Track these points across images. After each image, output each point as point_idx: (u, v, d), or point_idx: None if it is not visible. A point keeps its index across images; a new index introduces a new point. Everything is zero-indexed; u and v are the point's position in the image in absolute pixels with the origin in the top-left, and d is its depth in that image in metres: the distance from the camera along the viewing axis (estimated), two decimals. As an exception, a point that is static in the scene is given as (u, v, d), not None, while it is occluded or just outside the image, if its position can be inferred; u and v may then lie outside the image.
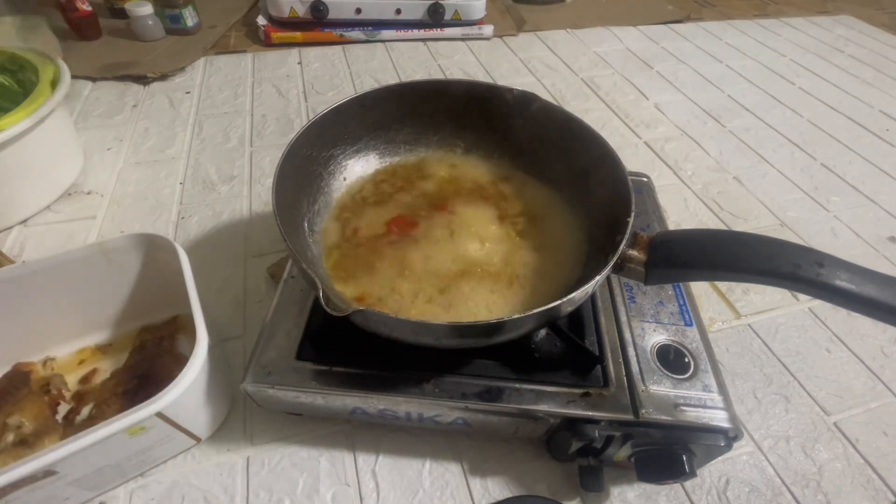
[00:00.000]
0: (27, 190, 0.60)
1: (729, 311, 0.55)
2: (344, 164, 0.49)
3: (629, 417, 0.36)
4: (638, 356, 0.39)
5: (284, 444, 0.43)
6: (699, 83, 0.96)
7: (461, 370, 0.38)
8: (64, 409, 0.42)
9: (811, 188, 0.73)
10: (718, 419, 0.35)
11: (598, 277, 0.32)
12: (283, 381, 0.37)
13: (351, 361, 0.38)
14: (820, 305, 0.56)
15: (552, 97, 0.90)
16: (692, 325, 0.42)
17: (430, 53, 1.02)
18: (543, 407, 0.36)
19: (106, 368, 0.45)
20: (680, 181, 0.73)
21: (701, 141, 0.81)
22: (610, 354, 0.40)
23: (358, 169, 0.50)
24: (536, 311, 0.31)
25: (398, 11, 1.04)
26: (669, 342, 0.40)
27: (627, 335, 0.41)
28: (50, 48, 0.87)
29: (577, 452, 0.38)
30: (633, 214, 0.36)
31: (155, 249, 0.44)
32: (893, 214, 0.69)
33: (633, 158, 0.77)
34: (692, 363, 0.39)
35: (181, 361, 0.41)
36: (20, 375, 0.42)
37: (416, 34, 1.05)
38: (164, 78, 0.89)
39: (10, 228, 0.60)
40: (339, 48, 1.02)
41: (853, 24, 1.24)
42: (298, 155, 0.42)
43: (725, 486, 0.42)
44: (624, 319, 0.42)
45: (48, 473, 0.31)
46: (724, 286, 0.58)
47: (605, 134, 0.43)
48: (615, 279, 0.45)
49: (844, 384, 0.49)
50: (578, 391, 0.37)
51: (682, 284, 0.45)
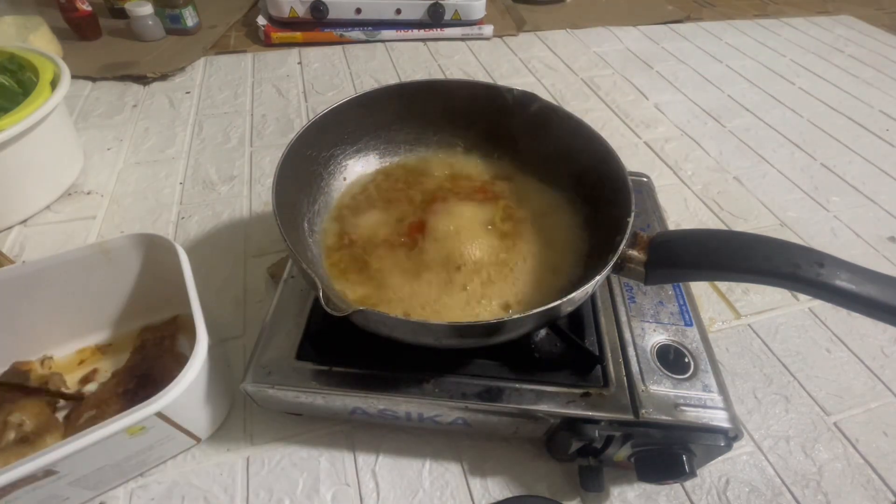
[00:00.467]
0: (27, 190, 0.60)
1: (729, 311, 0.55)
2: (344, 164, 0.49)
3: (629, 417, 0.36)
4: (638, 356, 0.39)
5: (284, 444, 0.43)
6: (699, 83, 0.96)
7: (461, 370, 0.38)
8: (65, 408, 0.42)
9: (811, 188, 0.73)
10: (718, 419, 0.35)
11: (598, 277, 0.32)
12: (283, 381, 0.37)
13: (351, 361, 0.38)
14: (820, 305, 0.56)
15: (552, 97, 0.90)
16: (692, 325, 0.42)
17: (430, 53, 1.02)
18: (543, 407, 0.36)
19: (106, 368, 0.45)
20: (680, 181, 0.73)
21: (701, 141, 0.81)
22: (610, 354, 0.40)
23: (358, 169, 0.50)
24: (536, 311, 0.31)
25: (398, 11, 1.04)
26: (669, 342, 0.40)
27: (627, 335, 0.41)
28: (50, 48, 0.88)
29: (577, 452, 0.38)
30: (633, 214, 0.36)
31: (155, 249, 0.44)
32: (893, 214, 0.69)
33: (633, 158, 0.77)
34: (692, 363, 0.39)
35: (181, 361, 0.41)
36: (19, 374, 0.43)
37: (416, 34, 1.05)
38: (164, 78, 0.89)
39: (10, 228, 0.60)
40: (339, 48, 1.02)
41: (853, 24, 1.24)
42: (298, 155, 0.42)
43: (725, 486, 0.42)
44: (624, 319, 0.42)
45: (48, 473, 0.31)
46: (724, 286, 0.58)
47: (605, 134, 0.43)
48: (615, 279, 0.45)
49: (844, 384, 0.49)
50: (578, 391, 0.37)
51: (682, 284, 0.45)
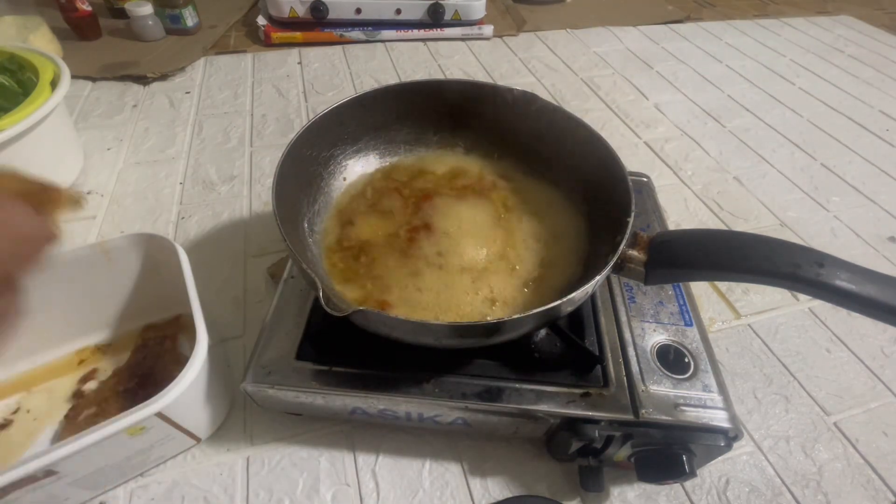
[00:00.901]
0: (27, 190, 0.60)
1: (729, 311, 0.55)
2: (344, 164, 0.49)
3: (629, 417, 0.36)
4: (638, 356, 0.39)
5: (284, 444, 0.43)
6: (699, 83, 0.96)
7: (461, 370, 0.38)
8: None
9: (811, 188, 0.73)
10: (718, 419, 0.35)
11: (598, 277, 0.32)
12: (283, 381, 0.37)
13: (351, 361, 0.38)
14: (820, 305, 0.56)
15: (552, 97, 0.90)
16: (692, 325, 0.42)
17: (430, 53, 1.02)
18: (543, 407, 0.36)
19: (106, 368, 0.45)
20: (680, 181, 0.73)
21: (701, 141, 0.81)
22: (610, 354, 0.40)
23: (358, 169, 0.50)
24: (536, 311, 0.31)
25: (398, 11, 1.04)
26: (669, 342, 0.40)
27: (627, 335, 0.41)
28: (50, 48, 0.88)
29: (577, 452, 0.38)
30: (633, 214, 0.36)
31: (155, 249, 0.44)
32: (893, 214, 0.69)
33: (633, 158, 0.77)
34: (692, 363, 0.39)
35: (182, 361, 0.41)
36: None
37: (416, 34, 1.05)
38: (164, 78, 0.89)
39: (10, 228, 0.60)
40: (339, 48, 1.02)
41: (853, 24, 1.24)
42: (298, 155, 0.42)
43: (725, 486, 0.42)
44: (624, 319, 0.42)
45: (48, 473, 0.31)
46: (724, 286, 0.58)
47: (605, 134, 0.43)
48: (615, 279, 0.45)
49: (844, 384, 0.49)
50: (578, 391, 0.37)
51: (682, 284, 0.45)
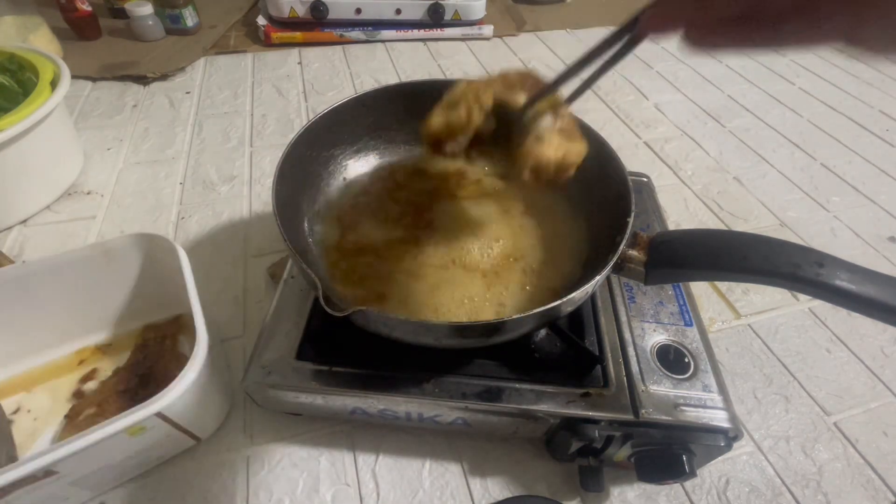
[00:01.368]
0: (27, 190, 0.60)
1: (729, 311, 0.55)
2: (344, 164, 0.49)
3: (629, 417, 0.36)
4: (638, 356, 0.39)
5: (284, 444, 0.43)
6: (699, 83, 0.96)
7: (461, 370, 0.38)
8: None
9: (811, 188, 0.73)
10: (718, 419, 0.35)
11: (598, 277, 0.32)
12: (283, 381, 0.37)
13: (351, 361, 0.38)
14: (820, 305, 0.56)
15: (552, 97, 0.89)
16: (692, 325, 0.42)
17: (430, 53, 1.02)
18: (543, 407, 0.36)
19: (106, 368, 0.45)
20: (680, 181, 0.73)
21: (701, 141, 0.81)
22: (610, 354, 0.40)
23: (358, 169, 0.50)
24: (536, 311, 0.31)
25: (398, 11, 1.04)
26: (669, 342, 0.40)
27: (627, 335, 0.41)
28: (50, 48, 0.88)
29: (577, 452, 0.38)
30: (633, 214, 0.36)
31: (155, 249, 0.44)
32: (893, 214, 0.69)
33: (633, 158, 0.77)
34: (692, 363, 0.39)
35: (182, 361, 0.41)
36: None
37: (416, 34, 1.05)
38: (164, 78, 0.89)
39: (10, 228, 0.60)
40: (339, 48, 1.02)
41: (853, 24, 1.24)
42: (298, 155, 0.42)
43: (725, 486, 0.42)
44: (624, 319, 0.42)
45: (48, 473, 0.31)
46: (724, 286, 0.58)
47: (605, 134, 0.43)
48: (615, 279, 0.45)
49: (844, 384, 0.49)
50: (578, 391, 0.37)
51: (682, 284, 0.45)
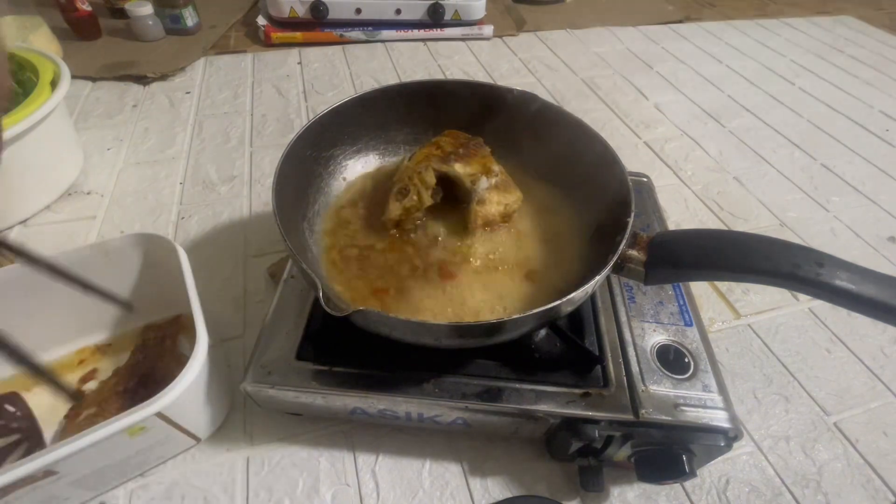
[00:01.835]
0: (27, 190, 0.60)
1: (729, 311, 0.55)
2: (344, 164, 0.49)
3: (629, 417, 0.36)
4: (638, 356, 0.39)
5: (284, 444, 0.43)
6: (699, 83, 0.96)
7: (461, 370, 0.38)
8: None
9: (811, 188, 0.73)
10: (718, 419, 0.35)
11: (597, 277, 0.32)
12: (283, 381, 0.37)
13: (351, 361, 0.38)
14: (820, 305, 0.56)
15: (552, 97, 0.90)
16: (692, 325, 0.42)
17: (430, 53, 1.02)
18: (543, 407, 0.36)
19: (106, 368, 0.45)
20: (680, 181, 0.73)
21: (701, 141, 0.81)
22: (610, 354, 0.40)
23: (358, 169, 0.50)
24: (536, 311, 0.31)
25: (398, 11, 1.04)
26: (669, 342, 0.40)
27: (627, 335, 0.41)
28: (50, 48, 0.88)
29: (577, 452, 0.38)
30: (632, 215, 0.36)
31: (155, 249, 0.44)
32: (893, 214, 0.69)
33: (633, 158, 0.77)
34: (692, 363, 0.39)
35: (182, 361, 0.41)
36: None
37: (416, 34, 1.05)
38: (164, 78, 0.89)
39: (10, 228, 0.60)
40: (339, 48, 1.02)
41: (853, 24, 1.24)
42: (298, 155, 0.42)
43: (725, 486, 0.42)
44: (624, 319, 0.42)
45: (48, 473, 0.31)
46: (724, 286, 0.58)
47: (605, 134, 0.43)
48: (615, 279, 0.45)
49: (844, 384, 0.49)
50: (578, 391, 0.37)
51: (681, 284, 0.45)
